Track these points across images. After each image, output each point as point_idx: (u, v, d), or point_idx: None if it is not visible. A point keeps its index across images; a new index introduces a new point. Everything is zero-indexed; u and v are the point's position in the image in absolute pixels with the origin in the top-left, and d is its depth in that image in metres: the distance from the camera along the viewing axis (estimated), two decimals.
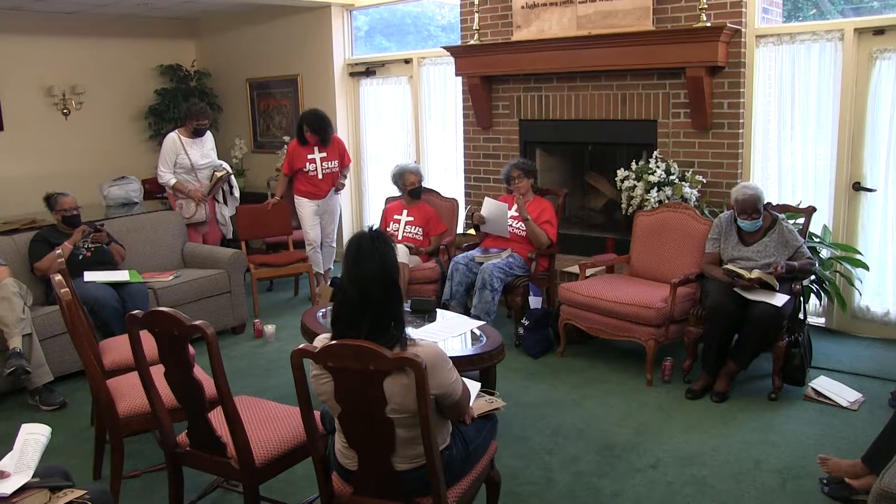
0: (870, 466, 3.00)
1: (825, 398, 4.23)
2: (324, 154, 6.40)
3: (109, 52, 8.62)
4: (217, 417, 2.81)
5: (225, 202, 6.67)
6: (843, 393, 4.24)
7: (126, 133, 8.88)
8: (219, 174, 6.43)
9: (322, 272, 6.66)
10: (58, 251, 4.82)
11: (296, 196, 6.52)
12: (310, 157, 6.36)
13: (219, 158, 6.69)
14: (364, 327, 2.33)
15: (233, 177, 6.67)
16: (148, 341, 2.81)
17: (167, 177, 6.36)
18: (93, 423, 4.05)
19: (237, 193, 6.74)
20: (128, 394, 3.37)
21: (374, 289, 2.34)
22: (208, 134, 6.56)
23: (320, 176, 6.41)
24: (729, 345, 4.43)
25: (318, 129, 6.30)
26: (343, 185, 6.70)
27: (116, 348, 4.01)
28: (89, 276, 4.96)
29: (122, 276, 5.10)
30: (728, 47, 5.16)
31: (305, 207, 6.50)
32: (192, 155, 6.35)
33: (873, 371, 4.64)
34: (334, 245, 6.81)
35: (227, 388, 2.65)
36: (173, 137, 6.36)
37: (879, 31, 4.92)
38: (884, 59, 4.92)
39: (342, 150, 6.60)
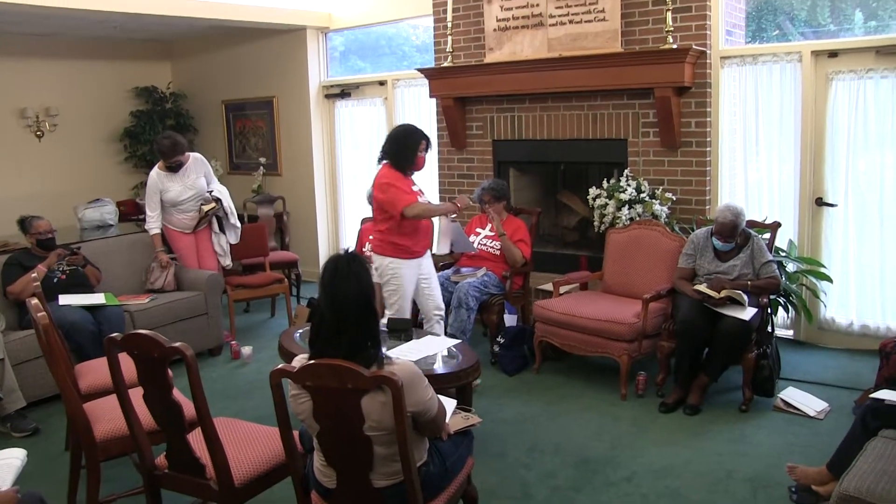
0: (834, 472, 3.09)
1: (793, 408, 4.34)
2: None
3: (84, 74, 8.63)
4: (196, 439, 2.84)
5: (222, 231, 6.14)
6: (810, 403, 4.35)
7: (101, 155, 8.87)
8: (206, 208, 5.88)
9: None
10: (32, 274, 4.80)
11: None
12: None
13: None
14: (341, 347, 2.38)
15: (228, 204, 6.07)
16: (124, 363, 2.83)
17: (150, 224, 5.88)
18: (67, 449, 4.04)
19: (234, 221, 6.14)
20: (105, 417, 3.36)
21: (350, 310, 2.39)
22: (194, 161, 5.95)
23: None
24: (700, 358, 4.52)
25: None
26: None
27: (92, 372, 4.01)
28: (64, 299, 4.94)
29: (97, 299, 5.09)
30: (694, 68, 5.30)
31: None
32: (173, 190, 5.82)
33: (839, 381, 4.77)
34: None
35: (207, 410, 2.68)
36: (153, 175, 5.86)
37: (833, 54, 5.11)
38: (839, 81, 5.10)
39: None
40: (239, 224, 6.23)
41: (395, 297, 4.62)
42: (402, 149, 4.56)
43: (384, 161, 4.60)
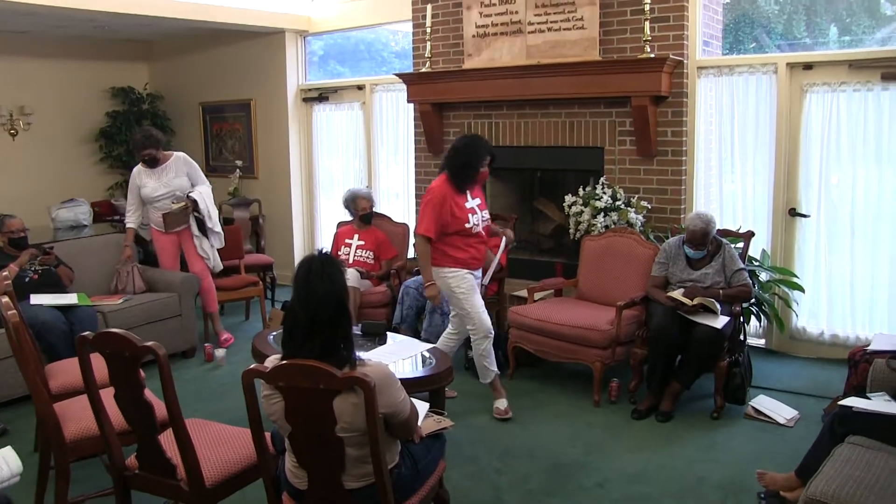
0: (802, 478, 3.12)
1: (764, 416, 4.39)
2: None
3: (60, 73, 8.54)
4: (167, 439, 2.82)
5: (204, 234, 5.90)
6: (780, 411, 4.40)
7: (76, 155, 8.77)
8: (175, 206, 5.70)
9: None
10: (3, 273, 4.76)
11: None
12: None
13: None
14: (314, 348, 2.37)
15: (206, 206, 5.81)
16: (96, 364, 2.81)
17: (127, 218, 5.94)
18: (36, 450, 3.99)
19: (212, 224, 5.87)
20: (75, 417, 3.33)
21: (323, 310, 2.39)
22: (175, 160, 5.83)
23: None
24: (673, 365, 4.56)
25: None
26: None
27: (64, 372, 3.97)
28: (35, 299, 4.90)
29: (70, 299, 5.05)
30: (671, 78, 5.35)
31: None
32: (148, 186, 5.76)
33: (809, 389, 4.83)
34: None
35: (178, 409, 2.66)
36: (134, 170, 5.87)
37: (808, 67, 5.18)
38: (813, 93, 5.18)
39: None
40: (220, 229, 6.02)
41: (467, 304, 4.43)
42: (464, 166, 4.37)
43: (444, 171, 4.48)
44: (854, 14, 5.51)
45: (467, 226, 4.41)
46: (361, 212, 6.01)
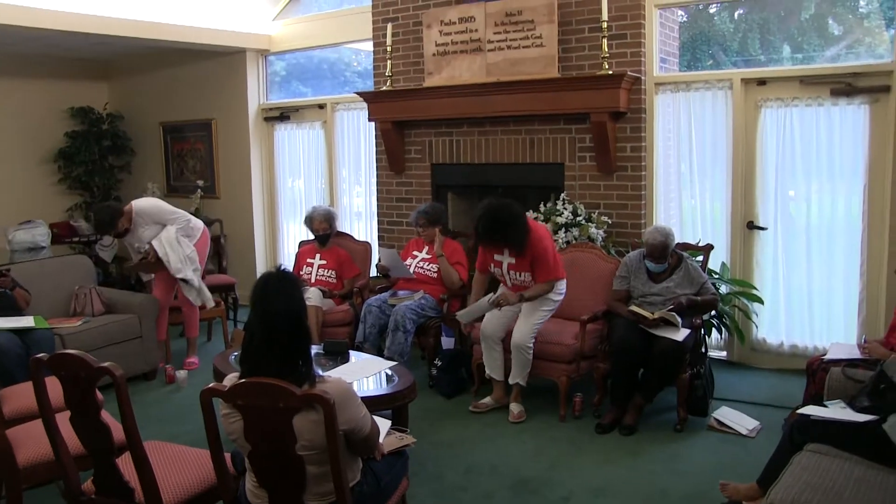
0: (763, 488, 3.15)
1: (727, 427, 4.43)
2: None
3: (17, 93, 8.39)
4: (125, 462, 2.76)
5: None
6: (742, 422, 4.44)
7: (34, 176, 8.61)
8: (135, 258, 5.85)
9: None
10: None
11: None
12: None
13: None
14: (272, 365, 2.35)
15: (164, 252, 5.60)
16: (53, 388, 2.75)
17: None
18: None
19: (174, 272, 5.63)
20: (29, 443, 3.25)
21: (281, 327, 2.37)
22: (139, 216, 5.66)
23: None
24: (636, 379, 4.58)
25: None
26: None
27: (18, 396, 3.87)
28: None
29: (26, 322, 4.93)
30: (629, 94, 5.42)
31: None
32: (131, 237, 5.77)
33: (770, 399, 4.88)
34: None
35: (136, 431, 2.61)
36: None
37: (762, 82, 5.29)
38: (767, 108, 5.29)
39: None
40: (185, 274, 5.67)
41: None
42: None
43: None
44: (805, 33, 5.64)
45: (490, 269, 4.97)
46: (316, 233, 6.00)
